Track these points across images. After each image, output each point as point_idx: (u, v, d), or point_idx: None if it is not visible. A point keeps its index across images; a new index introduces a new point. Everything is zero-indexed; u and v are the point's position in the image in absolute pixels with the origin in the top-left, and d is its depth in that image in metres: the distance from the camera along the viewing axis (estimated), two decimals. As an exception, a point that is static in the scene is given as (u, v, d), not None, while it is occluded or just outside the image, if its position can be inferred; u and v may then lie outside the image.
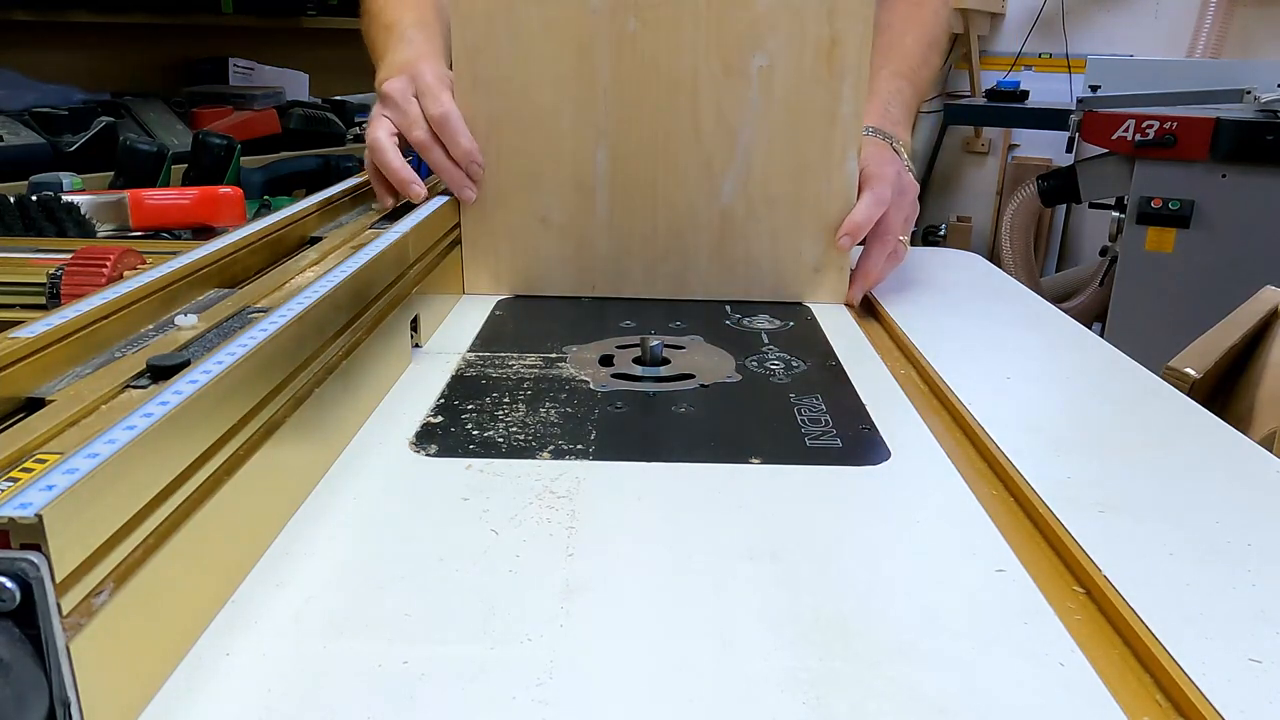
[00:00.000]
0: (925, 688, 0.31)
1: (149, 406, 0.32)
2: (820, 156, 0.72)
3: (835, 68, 0.70)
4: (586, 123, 0.72)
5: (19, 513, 0.24)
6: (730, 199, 0.73)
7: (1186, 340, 0.82)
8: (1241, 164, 1.85)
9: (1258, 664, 0.32)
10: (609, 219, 0.74)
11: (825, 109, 0.71)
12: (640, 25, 0.70)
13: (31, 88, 1.48)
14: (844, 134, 0.72)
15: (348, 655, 0.32)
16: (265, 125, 1.60)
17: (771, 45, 0.70)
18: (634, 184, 0.73)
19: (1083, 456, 0.48)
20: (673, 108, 0.71)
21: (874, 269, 0.75)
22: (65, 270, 0.55)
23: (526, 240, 0.75)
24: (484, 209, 0.74)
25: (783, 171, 0.73)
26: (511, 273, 0.76)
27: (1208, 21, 2.82)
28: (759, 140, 0.72)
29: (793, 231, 0.74)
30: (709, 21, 0.70)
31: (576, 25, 0.70)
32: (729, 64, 0.70)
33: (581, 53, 0.70)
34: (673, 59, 0.70)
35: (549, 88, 0.71)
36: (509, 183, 0.73)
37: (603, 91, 0.71)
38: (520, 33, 0.70)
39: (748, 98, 0.71)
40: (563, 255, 0.75)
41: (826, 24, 0.69)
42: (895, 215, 0.74)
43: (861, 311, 0.75)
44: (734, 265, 0.75)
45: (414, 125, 0.71)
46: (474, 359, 0.61)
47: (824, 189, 0.73)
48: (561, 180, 0.73)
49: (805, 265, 0.75)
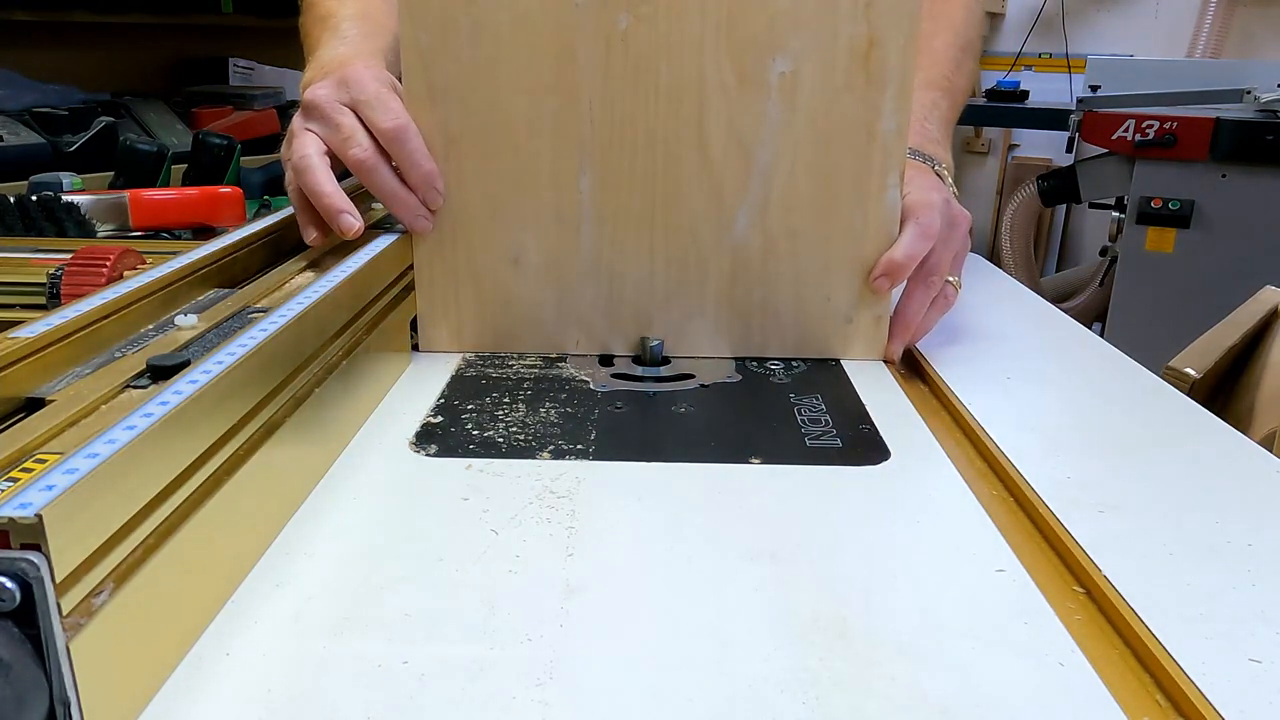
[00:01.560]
0: (925, 688, 0.31)
1: (149, 406, 0.32)
2: (854, 183, 0.59)
3: (874, 75, 0.57)
4: (569, 142, 0.59)
5: (19, 513, 0.24)
6: (745, 234, 0.61)
7: (1186, 340, 0.82)
8: (1241, 164, 1.85)
9: (1258, 664, 0.32)
10: (595, 259, 0.61)
11: (862, 125, 0.58)
12: (634, 22, 0.57)
13: (31, 88, 1.48)
14: (884, 155, 0.59)
15: (348, 655, 0.32)
16: (265, 125, 1.60)
17: (795, 47, 0.57)
18: (627, 217, 0.60)
19: (1083, 456, 0.49)
20: (674, 124, 0.59)
21: (916, 316, 0.62)
22: (65, 270, 0.55)
23: (495, 286, 0.61)
24: (443, 247, 0.61)
25: (809, 201, 0.60)
26: (476, 326, 0.62)
27: (1208, 21, 2.82)
28: (780, 163, 0.59)
29: (820, 274, 0.61)
30: (719, 18, 0.57)
31: (555, 23, 0.57)
32: (743, 70, 0.58)
33: (562, 56, 0.57)
34: (674, 64, 0.57)
35: (521, 99, 0.58)
36: (472, 215, 0.60)
37: (588, 103, 0.58)
38: (485, 32, 0.57)
39: (766, 111, 0.58)
40: (539, 303, 0.62)
41: (863, 21, 0.57)
42: (943, 252, 0.61)
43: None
44: (748, 315, 0.62)
45: (350, 141, 0.56)
46: (474, 359, 0.61)
47: (859, 222, 0.60)
48: (538, 212, 0.60)
49: (834, 315, 0.62)
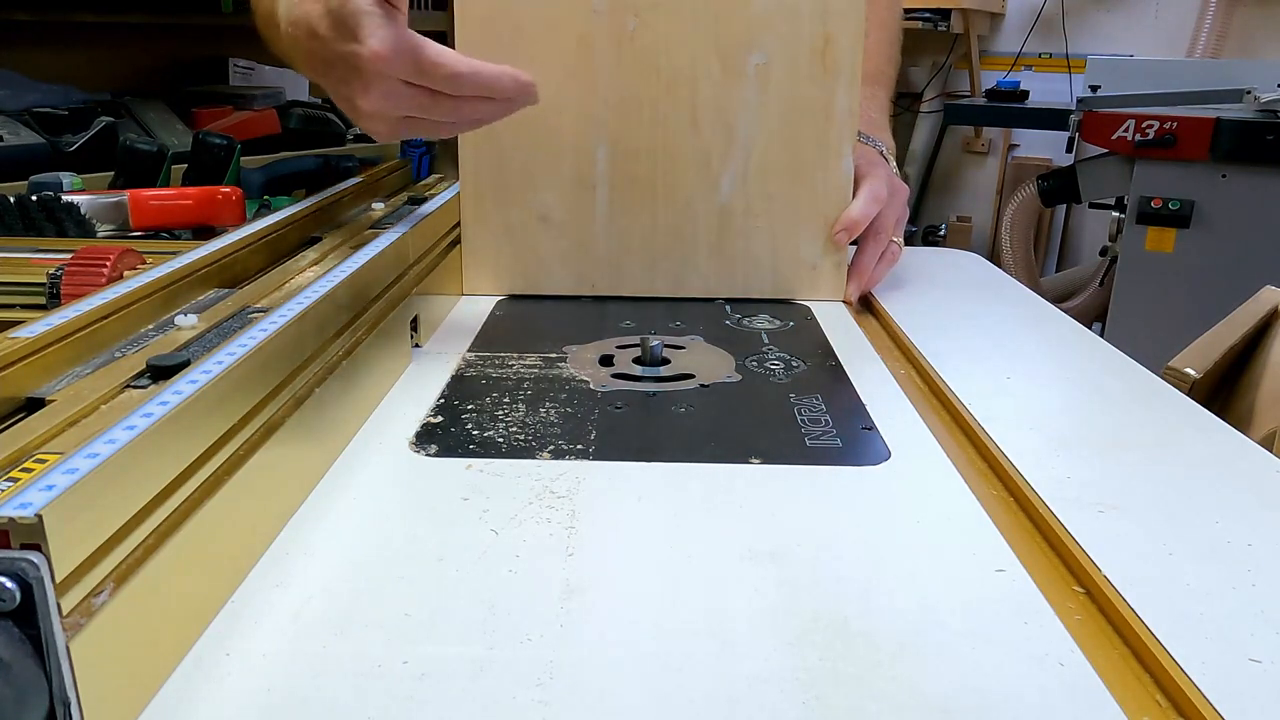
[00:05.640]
0: (925, 688, 0.31)
1: (149, 406, 0.32)
2: (817, 153, 0.73)
3: (830, 66, 0.71)
4: (587, 121, 0.72)
5: (19, 513, 0.24)
6: (729, 196, 0.74)
7: (1186, 340, 0.82)
8: (1241, 164, 1.85)
9: (1257, 664, 0.32)
10: (609, 217, 0.74)
11: (821, 106, 0.72)
12: (640, 24, 0.70)
13: (31, 88, 1.47)
14: (839, 131, 0.72)
15: (348, 655, 0.32)
16: (265, 125, 1.60)
17: (768, 44, 0.71)
18: (633, 181, 0.74)
19: (1083, 456, 0.48)
20: (672, 105, 0.72)
21: (869, 267, 0.76)
22: (65, 270, 0.55)
23: (526, 239, 0.75)
24: (483, 208, 0.74)
25: (780, 168, 0.73)
26: (511, 272, 0.76)
27: (1208, 21, 2.82)
28: (757, 137, 0.73)
29: (790, 228, 0.75)
30: (707, 20, 0.70)
31: (577, 24, 0.70)
32: (727, 62, 0.71)
33: (582, 51, 0.71)
34: (672, 57, 0.71)
35: (549, 86, 0.70)
36: (509, 181, 0.74)
37: (603, 90, 0.72)
38: (521, 31, 0.70)
39: (745, 96, 0.72)
40: (563, 253, 0.75)
41: (821, 23, 0.71)
42: (889, 214, 0.75)
43: (859, 308, 0.76)
44: (733, 262, 0.76)
45: None
46: (474, 359, 0.61)
47: (821, 186, 0.74)
48: (562, 178, 0.73)
49: (803, 262, 0.76)
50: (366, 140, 1.78)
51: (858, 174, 0.74)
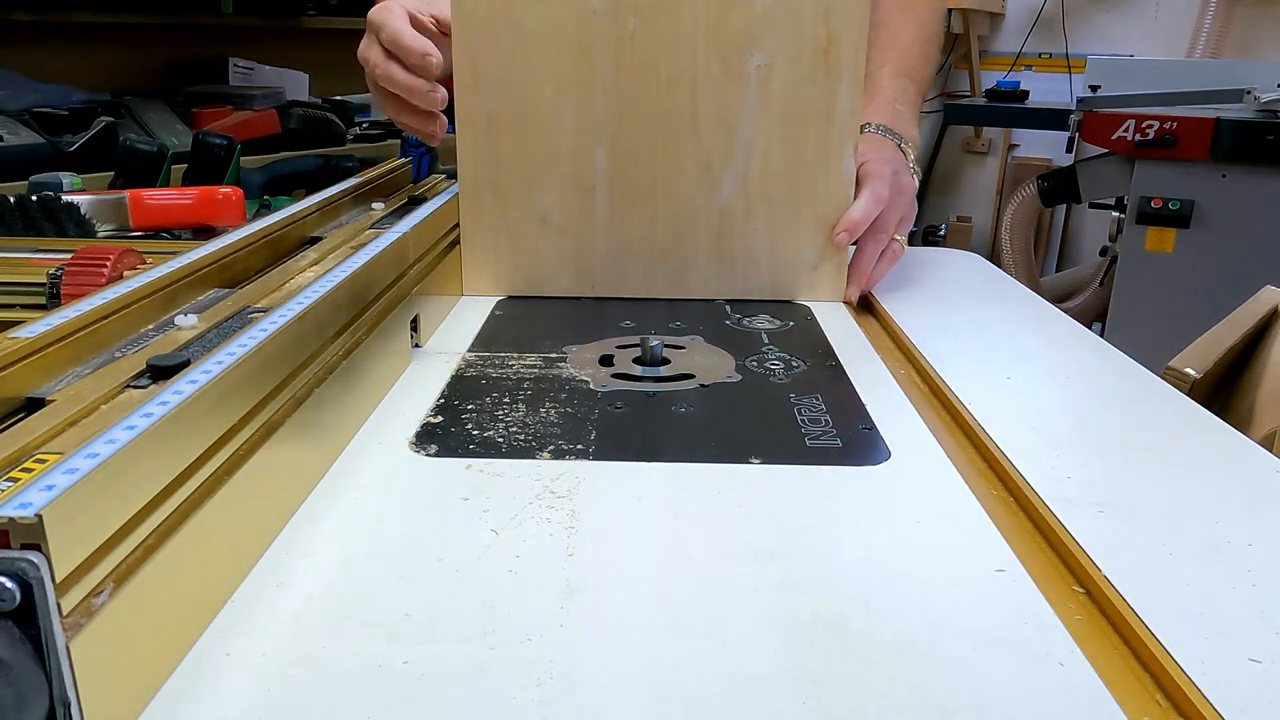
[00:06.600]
0: (925, 687, 0.31)
1: (149, 406, 0.32)
2: (818, 155, 0.72)
3: (832, 67, 0.71)
4: (587, 122, 0.72)
5: (19, 513, 0.24)
6: (729, 197, 0.74)
7: (1186, 340, 0.82)
8: (1241, 164, 1.85)
9: (1257, 664, 0.32)
10: (609, 218, 0.74)
11: (822, 108, 0.71)
12: (640, 25, 0.70)
13: (31, 88, 1.47)
14: (841, 133, 0.72)
15: (348, 655, 0.32)
16: (265, 125, 1.60)
17: (769, 45, 0.70)
18: (633, 183, 0.73)
19: (1083, 456, 0.48)
20: (672, 107, 0.72)
21: (868, 267, 0.75)
22: (65, 270, 0.55)
23: (526, 240, 0.75)
24: (482, 209, 0.74)
25: (781, 170, 0.73)
26: (511, 273, 0.76)
27: (1208, 21, 2.82)
28: (757, 139, 0.72)
29: (791, 229, 0.74)
30: (708, 21, 0.70)
31: (577, 25, 0.70)
32: (727, 63, 0.71)
33: (582, 52, 0.70)
34: (672, 58, 0.71)
35: (549, 87, 0.71)
36: (509, 182, 0.73)
37: (603, 91, 0.71)
38: (521, 32, 0.70)
39: (746, 97, 0.71)
40: (562, 255, 0.75)
41: (823, 24, 0.70)
42: (891, 214, 0.75)
43: (859, 309, 0.76)
44: (733, 263, 0.75)
45: None
46: (474, 359, 0.61)
47: (821, 187, 0.73)
48: (562, 179, 0.73)
49: (803, 263, 0.75)
50: (366, 140, 1.77)
51: (863, 170, 0.74)
